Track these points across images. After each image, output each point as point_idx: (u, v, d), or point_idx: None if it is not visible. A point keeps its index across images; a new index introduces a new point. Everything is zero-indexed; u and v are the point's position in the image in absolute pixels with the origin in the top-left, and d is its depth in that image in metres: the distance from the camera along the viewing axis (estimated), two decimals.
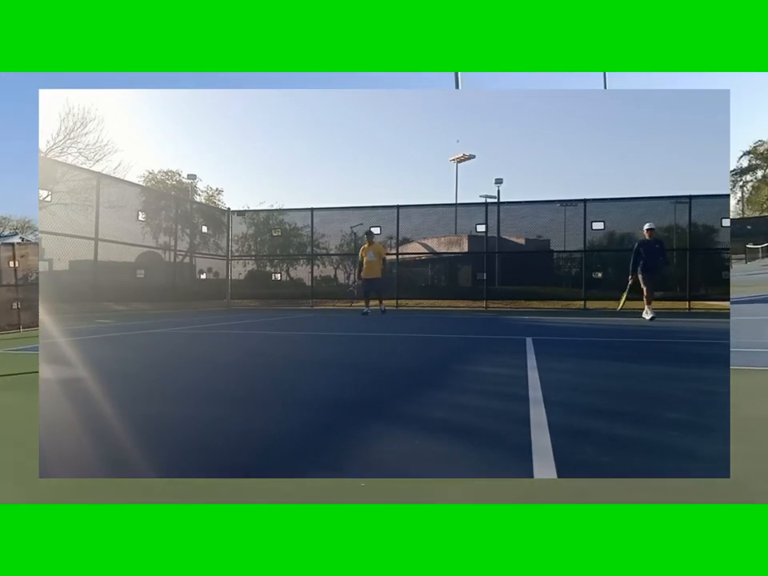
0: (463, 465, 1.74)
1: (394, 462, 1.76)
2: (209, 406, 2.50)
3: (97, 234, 10.64)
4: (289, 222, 16.13)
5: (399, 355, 4.73)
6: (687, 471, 1.67)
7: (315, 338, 6.19)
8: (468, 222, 14.61)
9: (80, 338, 5.64)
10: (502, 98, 63.58)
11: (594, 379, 3.29)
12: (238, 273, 15.96)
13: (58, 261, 10.17)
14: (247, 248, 16.27)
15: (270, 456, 1.82)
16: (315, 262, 15.71)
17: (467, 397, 2.80)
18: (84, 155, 21.35)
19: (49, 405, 2.48)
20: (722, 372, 3.31)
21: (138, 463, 1.76)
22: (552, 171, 67.31)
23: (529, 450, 1.83)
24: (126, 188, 12.43)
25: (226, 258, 15.65)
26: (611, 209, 13.64)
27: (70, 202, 10.50)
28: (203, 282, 15.00)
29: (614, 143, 70.65)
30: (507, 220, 14.44)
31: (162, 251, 13.61)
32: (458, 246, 15.27)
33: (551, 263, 14.93)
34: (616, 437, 2.02)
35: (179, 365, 4.06)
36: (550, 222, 14.19)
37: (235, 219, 15.90)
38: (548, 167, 69.34)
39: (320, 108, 72.39)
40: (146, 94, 38.50)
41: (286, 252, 16.12)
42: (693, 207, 13.19)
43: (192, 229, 14.71)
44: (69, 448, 1.94)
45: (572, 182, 63.23)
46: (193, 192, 24.20)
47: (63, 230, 10.00)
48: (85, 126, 21.47)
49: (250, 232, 16.21)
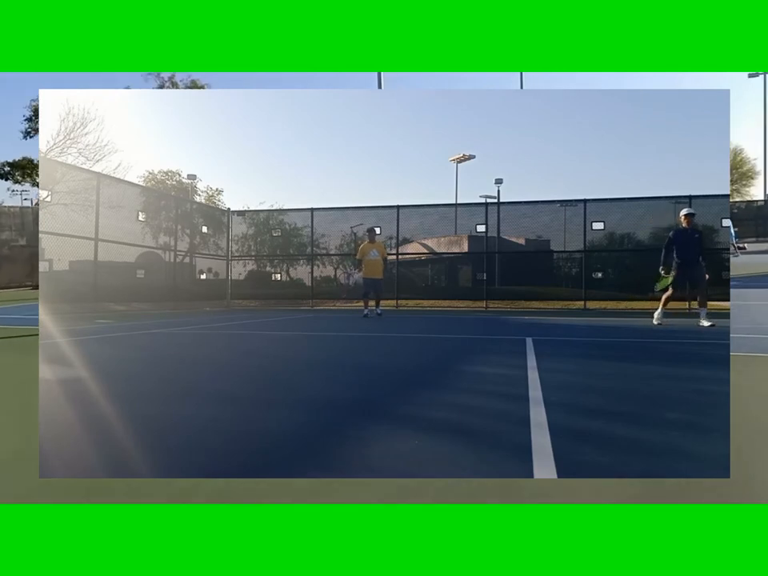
0: (463, 465, 1.74)
1: (394, 461, 1.76)
2: (209, 406, 2.50)
3: (97, 234, 10.63)
4: (289, 222, 16.12)
5: (399, 355, 4.73)
6: (687, 471, 1.67)
7: (315, 338, 6.19)
8: (468, 221, 14.61)
9: (80, 338, 5.64)
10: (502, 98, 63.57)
11: (594, 379, 3.29)
12: (238, 273, 15.95)
13: (58, 261, 10.17)
14: (247, 248, 16.26)
15: (270, 456, 1.82)
16: (315, 262, 15.70)
17: (467, 397, 2.80)
18: (84, 155, 21.36)
19: (49, 405, 2.48)
20: (722, 372, 3.31)
21: (138, 463, 1.76)
22: (552, 171, 67.38)
23: (529, 450, 1.83)
24: (126, 188, 12.41)
25: (226, 258, 15.65)
26: (611, 209, 13.63)
27: (69, 202, 10.50)
28: (203, 282, 14.99)
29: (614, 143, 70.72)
30: (507, 220, 14.43)
31: (162, 251, 13.60)
32: (457, 246, 15.27)
33: (551, 263, 14.92)
34: (616, 437, 2.02)
35: (179, 365, 4.05)
36: (550, 222, 14.18)
37: (235, 219, 15.89)
38: (548, 167, 69.44)
39: (320, 108, 72.47)
40: (146, 94, 38.50)
41: (286, 252, 16.12)
42: (693, 207, 13.15)
43: (192, 229, 14.70)
44: (69, 448, 1.94)
45: (572, 182, 63.32)
46: (193, 192, 24.18)
47: (63, 230, 10.00)
48: (85, 126, 21.48)
49: (250, 232, 16.21)
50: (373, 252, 10.39)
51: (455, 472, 1.69)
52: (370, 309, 10.36)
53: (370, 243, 10.54)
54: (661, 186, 76.44)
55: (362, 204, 16.02)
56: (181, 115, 61.51)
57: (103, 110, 43.21)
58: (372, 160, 75.14)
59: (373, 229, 11.06)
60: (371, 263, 10.32)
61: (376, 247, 10.49)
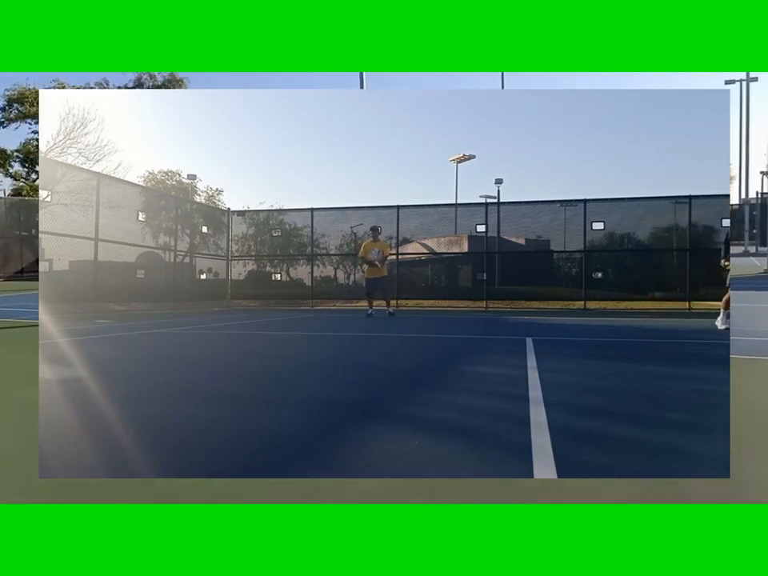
0: (463, 465, 1.74)
1: (394, 461, 1.76)
2: (209, 406, 2.50)
3: (97, 234, 10.62)
4: (289, 222, 16.12)
5: (399, 355, 4.73)
6: (687, 471, 1.67)
7: (315, 338, 6.19)
8: (468, 221, 14.60)
9: (80, 338, 5.63)
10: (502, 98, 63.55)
11: (594, 379, 3.29)
12: (238, 273, 15.94)
13: (58, 261, 10.16)
14: (247, 248, 16.26)
15: (270, 456, 1.82)
16: (315, 262, 15.70)
17: (467, 397, 2.80)
18: (84, 155, 21.41)
19: (49, 405, 2.48)
20: (722, 372, 3.31)
21: (138, 463, 1.76)
22: (552, 171, 67.35)
23: (529, 450, 1.83)
24: (126, 188, 12.40)
25: (226, 258, 15.65)
26: (611, 209, 13.63)
27: (70, 202, 10.49)
28: (203, 282, 14.98)
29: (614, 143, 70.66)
30: (507, 220, 14.43)
31: (162, 251, 13.60)
32: (457, 246, 15.27)
33: (551, 263, 14.92)
34: (616, 437, 2.02)
35: (179, 365, 4.05)
36: (550, 222, 14.18)
37: (235, 219, 15.89)
38: (548, 167, 69.39)
39: (320, 108, 72.42)
40: (146, 94, 38.49)
41: (286, 252, 16.11)
42: (693, 207, 13.18)
43: (192, 229, 14.70)
44: (69, 448, 1.94)
45: (572, 182, 63.29)
46: (193, 192, 24.18)
47: (63, 230, 9.99)
48: (85, 126, 21.52)
49: (250, 232, 16.20)
50: (375, 251, 10.26)
51: (455, 472, 1.69)
52: (374, 309, 10.21)
53: (372, 242, 10.42)
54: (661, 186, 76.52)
55: (361, 204, 16.04)
56: (181, 115, 61.40)
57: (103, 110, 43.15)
58: (372, 160, 75.15)
59: (376, 227, 10.89)
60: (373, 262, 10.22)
61: (378, 245, 10.37)
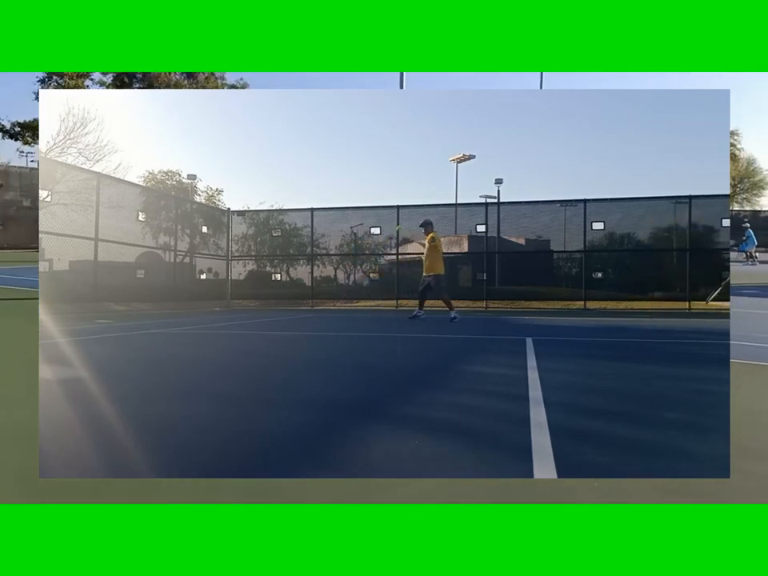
0: (463, 465, 1.74)
1: (394, 461, 1.76)
2: (209, 406, 2.50)
3: (97, 234, 10.62)
4: (289, 222, 16.12)
5: (399, 355, 4.73)
6: (687, 471, 1.67)
7: (315, 338, 6.19)
8: (468, 221, 14.61)
9: (80, 338, 5.63)
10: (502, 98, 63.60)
11: (594, 379, 3.29)
12: (238, 273, 15.94)
13: (58, 261, 10.16)
14: (247, 248, 16.26)
15: (270, 456, 1.82)
16: (315, 262, 15.70)
17: (467, 397, 2.80)
18: (84, 155, 21.40)
19: (49, 405, 2.48)
20: (722, 372, 3.31)
21: (139, 463, 1.76)
22: (552, 171, 67.32)
23: (529, 450, 1.83)
24: (126, 188, 12.40)
25: (226, 258, 15.65)
26: (611, 209, 13.64)
27: (70, 202, 10.49)
28: (203, 282, 14.98)
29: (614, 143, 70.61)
30: (507, 220, 14.43)
31: (162, 251, 13.60)
32: (457, 246, 15.27)
33: (551, 263, 14.92)
34: (616, 437, 2.02)
35: (179, 365, 4.05)
36: (550, 222, 14.19)
37: (235, 219, 15.89)
38: (548, 167, 69.36)
39: (320, 108, 72.49)
40: (146, 94, 38.48)
41: (286, 252, 16.11)
42: (693, 207, 13.19)
43: (192, 229, 14.70)
44: (69, 448, 1.94)
45: (572, 182, 63.26)
46: (193, 192, 24.18)
47: (63, 230, 9.99)
48: (85, 126, 21.52)
49: (250, 232, 16.21)
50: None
51: (455, 472, 1.69)
52: (422, 310, 9.35)
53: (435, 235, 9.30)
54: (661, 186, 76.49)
55: (362, 204, 16.04)
56: (181, 115, 61.43)
57: (103, 109, 43.17)
58: (372, 160, 75.16)
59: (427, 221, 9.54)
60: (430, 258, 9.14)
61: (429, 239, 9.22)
